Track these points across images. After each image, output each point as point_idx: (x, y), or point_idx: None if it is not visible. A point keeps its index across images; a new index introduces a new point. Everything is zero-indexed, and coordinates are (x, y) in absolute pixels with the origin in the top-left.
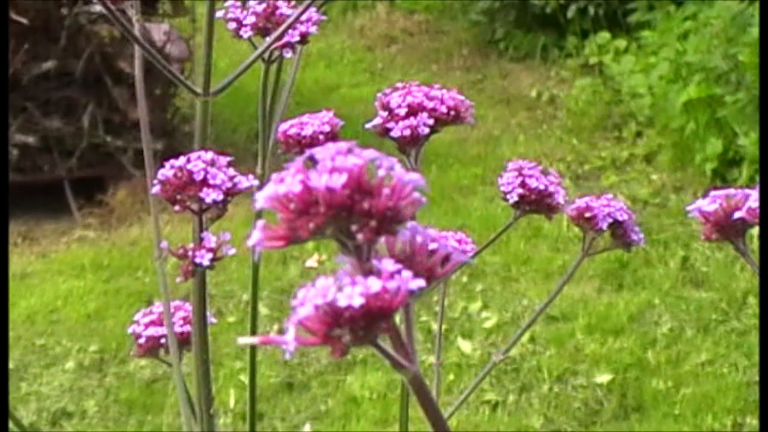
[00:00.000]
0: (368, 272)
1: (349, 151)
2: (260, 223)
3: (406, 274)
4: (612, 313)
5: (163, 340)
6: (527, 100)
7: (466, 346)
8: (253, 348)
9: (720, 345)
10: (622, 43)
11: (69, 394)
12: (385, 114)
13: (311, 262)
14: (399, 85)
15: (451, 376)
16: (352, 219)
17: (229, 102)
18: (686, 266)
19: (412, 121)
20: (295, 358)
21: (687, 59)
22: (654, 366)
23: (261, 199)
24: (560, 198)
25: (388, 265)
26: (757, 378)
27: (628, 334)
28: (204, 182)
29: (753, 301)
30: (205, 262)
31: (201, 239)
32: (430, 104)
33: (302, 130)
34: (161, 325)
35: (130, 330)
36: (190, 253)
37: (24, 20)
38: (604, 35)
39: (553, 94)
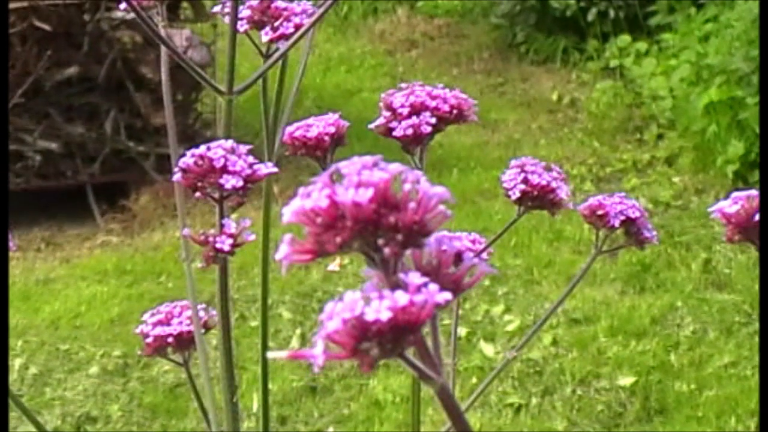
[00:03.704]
0: (395, 285)
1: (375, 165)
2: (287, 237)
3: (433, 287)
4: (634, 315)
5: (170, 339)
6: (548, 103)
7: (488, 349)
8: (264, 353)
9: (743, 347)
10: (642, 45)
11: (93, 399)
12: (388, 114)
13: (333, 266)
14: (403, 85)
15: (474, 380)
16: (379, 233)
17: (250, 107)
18: (708, 268)
19: (414, 120)
20: None
21: (708, 61)
22: (677, 368)
23: (288, 214)
24: (563, 194)
25: (415, 278)
26: None
27: (651, 337)
28: (224, 169)
29: None
30: (226, 247)
31: (222, 225)
32: (433, 103)
33: (308, 132)
34: (168, 324)
35: (137, 330)
36: (211, 239)
37: (47, 26)
38: (625, 38)
39: (574, 97)
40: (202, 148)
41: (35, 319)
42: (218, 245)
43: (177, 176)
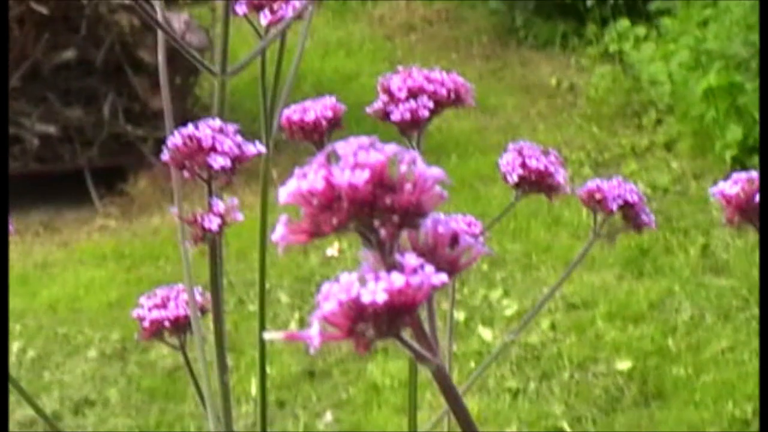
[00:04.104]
0: (391, 266)
1: (371, 146)
2: (283, 217)
3: (429, 269)
4: (632, 300)
5: (167, 323)
6: (547, 89)
7: (486, 334)
8: (261, 337)
9: (740, 332)
10: (641, 30)
11: (91, 383)
12: (386, 98)
13: (332, 251)
14: (400, 68)
15: (472, 364)
16: (375, 214)
17: (250, 92)
18: (706, 253)
19: (412, 104)
20: None
21: (707, 46)
22: (674, 353)
23: (284, 195)
24: (561, 178)
25: (411, 259)
26: None
27: (649, 322)
28: (212, 149)
29: None
30: (214, 227)
31: (210, 205)
32: (431, 87)
33: (305, 115)
34: (165, 308)
35: (134, 314)
36: (199, 219)
37: (44, 10)
38: (624, 23)
39: (573, 82)
40: (191, 128)
41: (33, 303)
42: (206, 225)
43: (165, 156)
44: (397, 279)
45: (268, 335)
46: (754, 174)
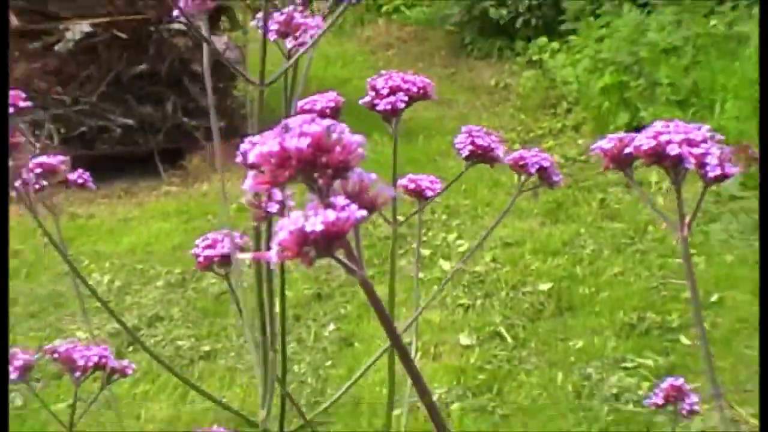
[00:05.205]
0: (327, 206)
1: (312, 120)
2: (251, 173)
3: (354, 207)
4: (551, 240)
5: (216, 259)
6: (488, 88)
7: (445, 265)
8: (283, 271)
9: (628, 261)
10: (556, 45)
11: (160, 304)
12: (373, 93)
13: None
14: (383, 72)
15: (435, 288)
16: (315, 169)
17: (271, 90)
18: (604, 205)
19: (392, 98)
20: (322, 274)
21: (602, 56)
22: (581, 277)
23: (251, 156)
24: (500, 152)
25: (341, 200)
26: (653, 284)
27: (563, 255)
28: None
29: (652, 229)
30: (273, 210)
31: (270, 194)
32: (405, 86)
33: (314, 105)
34: (214, 247)
35: (192, 252)
36: (263, 204)
37: (123, 35)
38: (543, 39)
39: (507, 82)
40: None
41: (118, 248)
42: (269, 209)
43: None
44: (330, 214)
45: (240, 256)
46: (624, 134)
